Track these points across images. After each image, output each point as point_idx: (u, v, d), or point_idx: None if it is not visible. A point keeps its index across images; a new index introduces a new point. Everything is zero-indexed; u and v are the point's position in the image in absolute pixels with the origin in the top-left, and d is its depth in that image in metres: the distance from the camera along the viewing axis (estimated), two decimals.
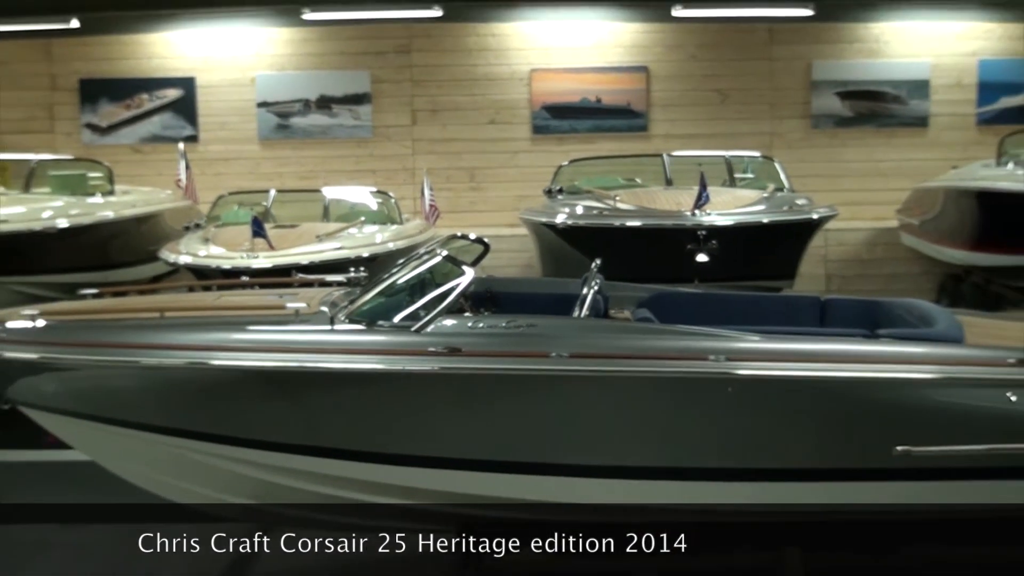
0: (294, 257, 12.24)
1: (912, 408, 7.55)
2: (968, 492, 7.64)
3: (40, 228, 13.60)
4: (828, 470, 7.68)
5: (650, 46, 18.70)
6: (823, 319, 8.81)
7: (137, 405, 7.83)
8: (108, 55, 18.58)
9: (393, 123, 18.72)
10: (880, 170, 18.48)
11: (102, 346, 7.80)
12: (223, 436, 7.74)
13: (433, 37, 18.44)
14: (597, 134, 18.43)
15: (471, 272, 7.81)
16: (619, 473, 7.68)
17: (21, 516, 9.50)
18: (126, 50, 18.60)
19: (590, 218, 13.93)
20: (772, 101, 18.79)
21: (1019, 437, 7.41)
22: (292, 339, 7.71)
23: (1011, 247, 14.07)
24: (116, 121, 18.69)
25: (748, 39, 18.53)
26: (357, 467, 7.69)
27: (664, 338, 7.76)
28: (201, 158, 17.89)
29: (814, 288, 15.52)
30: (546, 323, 7.76)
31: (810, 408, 7.60)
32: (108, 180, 15.40)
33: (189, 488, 8.13)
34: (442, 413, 7.62)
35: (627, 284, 8.91)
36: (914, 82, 18.86)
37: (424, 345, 7.53)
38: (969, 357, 7.70)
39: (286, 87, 18.71)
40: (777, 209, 13.91)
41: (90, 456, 8.37)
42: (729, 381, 7.51)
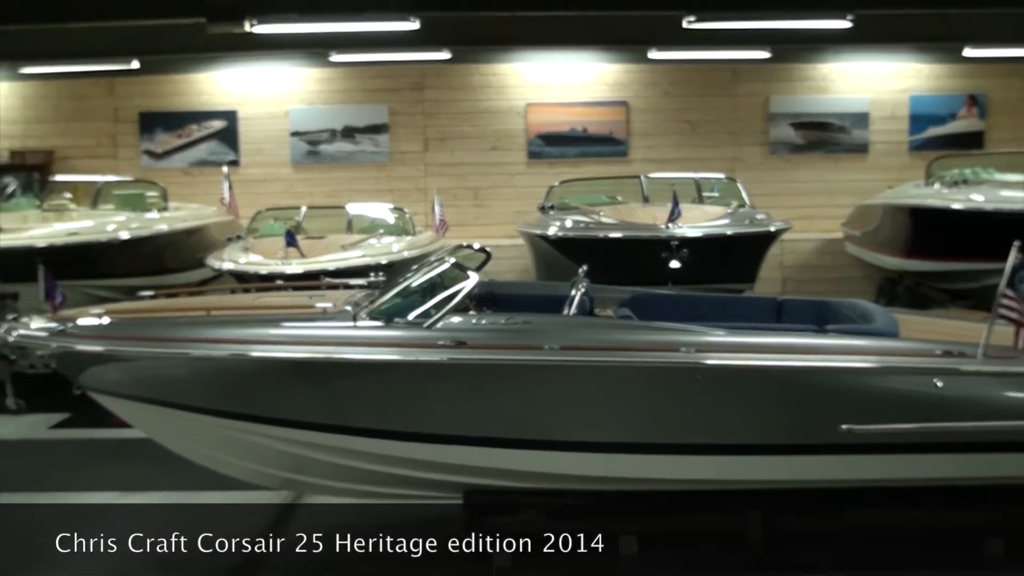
0: (322, 264, 12.22)
1: (855, 392, 7.55)
2: (903, 464, 7.66)
3: (105, 239, 13.61)
4: (783, 445, 7.68)
5: (629, 84, 18.69)
6: (779, 316, 8.81)
7: (187, 390, 7.82)
8: (163, 92, 18.56)
9: (407, 149, 18.69)
10: (827, 189, 18.46)
11: (157, 340, 7.81)
12: (260, 416, 7.74)
13: (442, 76, 18.41)
14: (584, 159, 18.39)
15: (475, 276, 7.83)
16: (603, 448, 7.66)
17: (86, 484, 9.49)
18: (178, 87, 18.58)
19: (578, 230, 13.92)
20: (735, 130, 18.77)
21: (945, 417, 7.44)
22: (320, 334, 7.72)
23: (938, 255, 14.07)
24: (169, 148, 18.67)
25: (714, 78, 18.51)
26: (376, 443, 7.68)
27: (642, 333, 7.76)
28: (242, 179, 17.84)
29: (771, 290, 15.50)
30: (540, 320, 7.75)
31: (768, 393, 7.60)
32: (163, 198, 15.40)
33: (231, 461, 8.13)
34: (450, 397, 7.63)
35: (610, 287, 8.90)
36: (856, 115, 18.84)
37: (434, 339, 7.53)
38: (903, 349, 7.71)
39: (315, 119, 18.68)
40: (739, 223, 13.90)
41: (147, 434, 8.38)
42: (698, 370, 7.51)
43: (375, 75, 18.46)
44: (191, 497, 9.02)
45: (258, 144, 18.73)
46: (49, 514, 8.91)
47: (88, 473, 9.78)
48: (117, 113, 18.74)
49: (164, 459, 8.42)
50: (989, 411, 7.50)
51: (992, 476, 7.79)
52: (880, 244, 15.75)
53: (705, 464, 7.75)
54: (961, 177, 14.28)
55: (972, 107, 18.90)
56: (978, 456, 7.63)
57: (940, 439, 7.52)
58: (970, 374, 7.52)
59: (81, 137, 18.66)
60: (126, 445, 9.43)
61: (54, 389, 8.46)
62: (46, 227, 13.67)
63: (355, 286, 9.41)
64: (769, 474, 7.78)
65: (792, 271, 17.52)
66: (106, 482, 9.49)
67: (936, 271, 14.44)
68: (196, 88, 18.71)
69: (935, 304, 13.74)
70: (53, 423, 11.29)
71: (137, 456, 9.22)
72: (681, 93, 18.69)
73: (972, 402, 7.51)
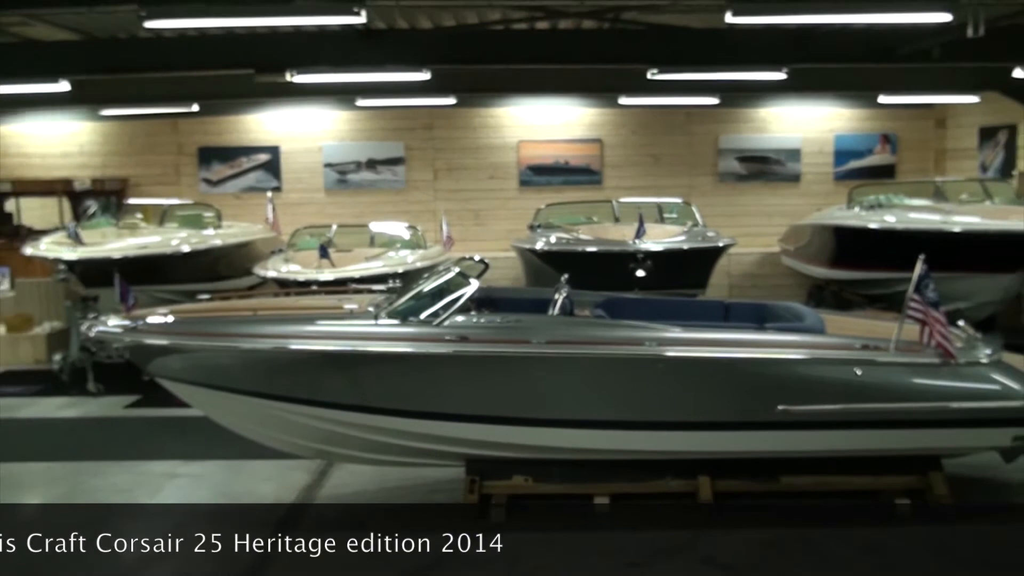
0: (349, 272, 12.19)
1: (789, 379, 7.58)
2: (828, 438, 7.69)
3: (170, 252, 13.60)
4: (730, 422, 7.71)
5: (603, 124, 18.69)
6: (726, 316, 8.81)
7: (237, 376, 7.84)
8: (218, 130, 18.53)
9: (420, 178, 18.67)
10: (766, 212, 18.46)
11: (213, 335, 7.81)
12: (297, 398, 7.75)
13: (449, 118, 18.40)
14: (566, 186, 18.37)
15: (476, 283, 7.85)
16: (582, 424, 7.69)
17: (154, 454, 9.50)
18: (231, 126, 18.56)
19: (560, 245, 13.92)
20: (690, 163, 18.76)
21: (862, 399, 7.51)
22: (347, 330, 7.73)
23: (857, 266, 14.08)
24: (223, 177, 18.63)
25: (673, 119, 18.51)
26: (394, 420, 7.70)
27: (613, 330, 7.78)
28: (283, 203, 17.82)
29: (720, 294, 15.51)
30: (529, 319, 7.76)
31: (717, 379, 7.64)
32: (217, 218, 15.38)
33: (272, 435, 8.14)
34: (455, 383, 7.65)
35: (587, 292, 8.88)
36: (790, 150, 18.84)
37: (442, 335, 7.55)
38: (829, 343, 7.74)
39: (344, 153, 18.65)
40: (694, 239, 13.90)
41: (204, 412, 8.36)
42: (659, 360, 7.53)
43: (394, 117, 18.45)
44: (238, 465, 9.03)
45: (297, 174, 18.70)
46: (124, 478, 8.93)
47: (155, 445, 9.78)
48: (180, 148, 18.72)
49: (217, 433, 8.42)
50: (899, 394, 7.54)
51: (902, 448, 7.83)
52: (810, 257, 15.77)
53: (665, 437, 7.77)
54: (876, 202, 14.31)
55: (885, 144, 18.93)
56: (890, 431, 7.66)
57: (859, 417, 7.56)
58: (884, 364, 7.56)
59: (150, 167, 18.64)
60: (186, 422, 9.43)
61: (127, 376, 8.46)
62: (121, 242, 13.65)
63: (376, 291, 9.41)
64: (718, 445, 7.81)
65: (737, 279, 17.52)
66: (169, 451, 9.50)
67: (856, 279, 14.45)
68: (245, 127, 18.69)
69: (855, 306, 13.74)
70: (126, 404, 11.28)
71: (195, 431, 9.22)
72: (646, 132, 18.70)
73: (885, 387, 7.55)
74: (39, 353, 13.70)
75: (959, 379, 7.62)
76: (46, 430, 10.73)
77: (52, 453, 9.86)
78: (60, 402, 11.57)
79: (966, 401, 7.59)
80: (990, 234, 11.92)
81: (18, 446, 10.14)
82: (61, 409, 11.40)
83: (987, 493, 8.29)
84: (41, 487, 8.95)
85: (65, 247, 12.89)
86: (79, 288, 12.83)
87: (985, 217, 12.39)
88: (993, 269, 11.95)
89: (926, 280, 7.43)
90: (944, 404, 7.57)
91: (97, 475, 9.01)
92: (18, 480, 9.07)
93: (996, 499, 8.24)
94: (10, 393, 12.14)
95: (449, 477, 8.21)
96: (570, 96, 18.21)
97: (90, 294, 12.43)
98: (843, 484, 7.99)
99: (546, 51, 12.50)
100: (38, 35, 11.57)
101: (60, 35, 11.70)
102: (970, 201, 13.87)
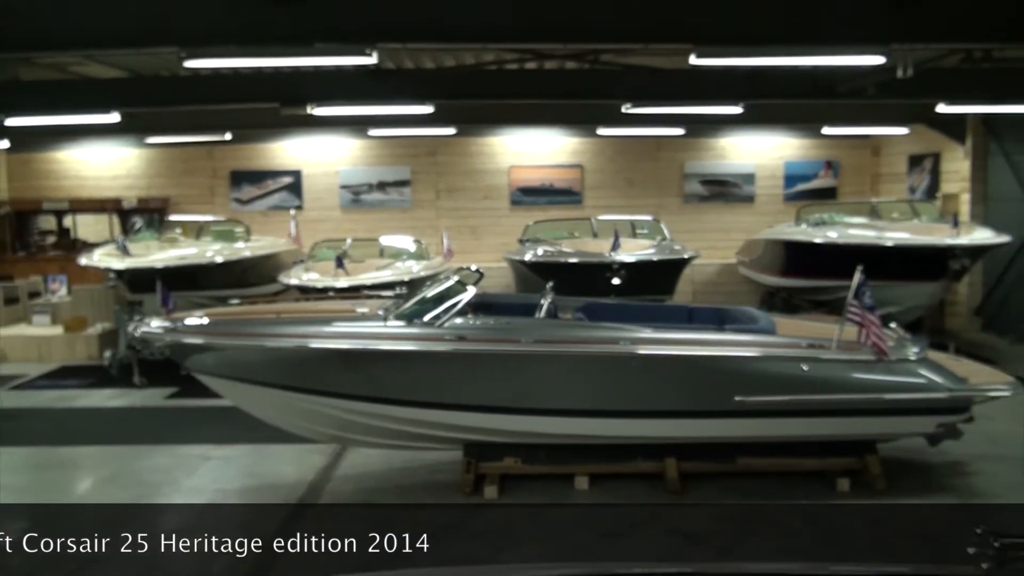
0: (361, 280, 12.19)
1: (745, 373, 7.61)
2: (779, 425, 7.72)
3: (205, 262, 13.57)
4: (693, 411, 7.74)
5: (584, 151, 18.70)
6: (690, 319, 8.81)
7: (263, 371, 7.82)
8: (248, 156, 18.49)
9: (424, 198, 18.66)
10: (725, 228, 18.47)
11: (242, 335, 7.81)
12: (315, 390, 7.73)
13: (450, 146, 18.38)
14: (551, 205, 18.33)
15: (472, 290, 7.84)
16: (564, 413, 7.71)
17: (190, 439, 9.48)
18: (259, 153, 18.52)
19: (546, 257, 13.92)
20: (659, 185, 18.78)
21: (808, 391, 7.53)
22: (360, 330, 7.73)
23: (804, 275, 14.15)
24: (252, 197, 18.59)
25: (644, 148, 18.52)
26: (400, 410, 7.69)
27: (592, 331, 7.79)
28: (304, 220, 17.77)
29: (685, 300, 15.49)
30: (518, 322, 7.78)
31: (682, 373, 7.65)
32: (247, 233, 15.37)
33: (294, 423, 8.11)
34: (454, 376, 7.64)
35: (569, 298, 8.88)
36: (746, 175, 18.88)
37: (442, 335, 7.55)
38: (779, 342, 7.78)
39: (358, 176, 18.62)
40: (662, 252, 13.92)
41: (234, 403, 8.33)
42: (632, 357, 7.55)
43: (402, 144, 18.44)
44: (263, 449, 9.01)
45: (316, 194, 18.67)
46: (164, 460, 8.92)
47: (191, 431, 9.75)
48: (215, 171, 18.68)
49: (246, 421, 8.40)
50: (840, 387, 7.58)
51: (842, 434, 7.86)
52: (763, 267, 15.81)
53: (636, 425, 7.79)
54: (820, 219, 14.37)
55: (828, 170, 18.96)
56: (832, 419, 7.70)
57: (805, 407, 7.59)
58: (827, 361, 7.60)
59: (188, 188, 18.60)
60: (219, 411, 9.40)
61: (168, 370, 8.43)
62: (163, 253, 13.63)
63: (385, 296, 9.40)
64: (683, 431, 7.83)
65: (700, 286, 17.53)
66: (204, 436, 9.47)
67: (802, 287, 14.51)
68: (272, 154, 18.66)
69: (802, 310, 13.78)
70: (167, 395, 11.25)
71: (226, 419, 9.19)
72: (621, 159, 18.71)
73: (828, 380, 7.59)
74: (92, 350, 13.67)
75: (891, 374, 7.66)
76: (97, 418, 10.72)
77: (103, 437, 9.87)
78: (109, 393, 11.54)
79: (897, 393, 7.63)
80: (917, 248, 11.98)
81: (74, 431, 10.15)
82: (110, 399, 11.38)
83: (915, 473, 8.31)
84: (92, 467, 8.93)
85: (114, 258, 12.88)
86: (126, 293, 12.80)
87: (913, 233, 12.45)
88: (920, 278, 12.00)
89: (863, 288, 7.46)
90: (878, 395, 7.61)
91: (141, 457, 8.99)
92: (74, 461, 9.09)
93: (922, 478, 8.27)
94: (67, 385, 12.15)
95: (449, 459, 8.20)
96: (555, 127, 18.21)
97: (136, 299, 12.39)
98: (792, 465, 8.01)
99: (534, 88, 12.51)
100: (93, 73, 11.58)
101: (112, 73, 11.70)
102: (900, 219, 13.93)
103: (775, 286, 15.49)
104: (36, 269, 16.66)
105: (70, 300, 14.88)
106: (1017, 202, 14.14)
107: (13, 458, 8.92)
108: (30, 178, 18.51)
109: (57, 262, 16.99)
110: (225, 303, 9.51)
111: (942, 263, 11.80)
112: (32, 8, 7.57)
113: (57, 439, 9.73)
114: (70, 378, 12.59)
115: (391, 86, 11.83)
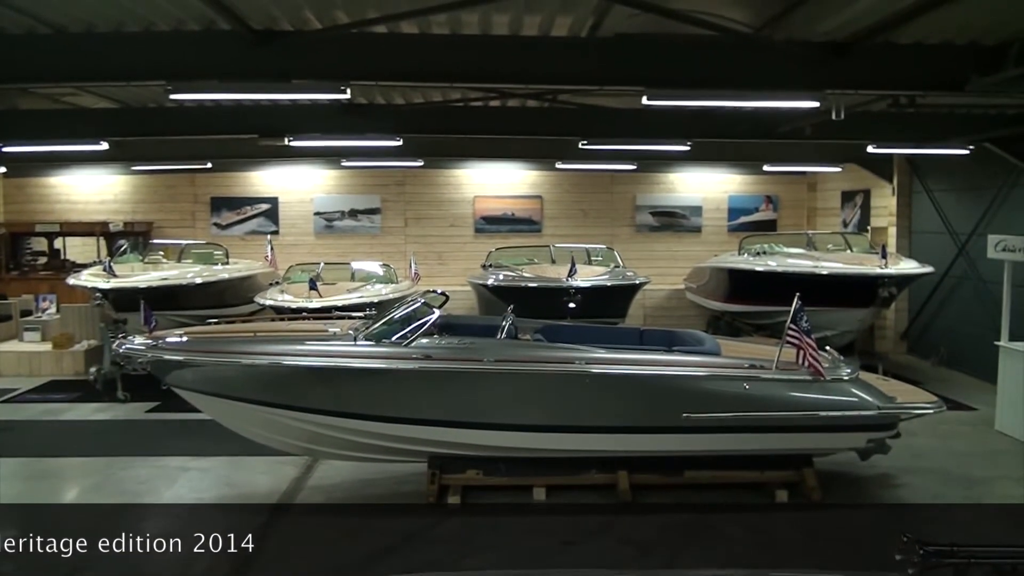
0: (333, 302, 12.06)
1: (692, 391, 7.63)
2: (723, 440, 7.74)
3: (186, 283, 13.42)
4: (644, 427, 7.74)
5: (543, 184, 18.76)
6: (641, 340, 8.82)
7: (239, 387, 7.73)
8: (228, 183, 18.34)
9: (393, 225, 18.60)
10: (674, 256, 18.61)
11: (220, 353, 7.71)
12: (289, 405, 7.66)
13: (418, 177, 18.35)
14: (512, 233, 18.35)
15: (438, 312, 7.85)
16: (523, 428, 7.68)
17: (170, 450, 9.33)
18: (238, 181, 18.36)
19: (507, 281, 13.90)
20: (613, 216, 18.88)
21: (750, 408, 7.57)
22: (331, 349, 7.69)
23: (746, 301, 14.25)
24: (231, 222, 18.43)
25: (599, 181, 18.62)
26: (368, 424, 7.63)
27: (550, 351, 7.80)
28: (280, 244, 17.65)
29: (636, 323, 15.54)
30: (481, 342, 7.75)
31: (634, 391, 7.66)
32: (225, 256, 15.21)
33: (267, 436, 8.02)
34: (420, 393, 7.60)
35: (528, 320, 8.87)
36: (693, 207, 19.03)
37: (409, 354, 7.51)
38: (723, 363, 7.81)
39: (331, 204, 18.52)
40: (615, 277, 13.95)
41: (212, 417, 8.21)
42: (587, 376, 7.56)
43: (372, 175, 18.39)
44: (239, 461, 8.90)
45: (292, 220, 18.55)
46: (145, 470, 8.77)
47: (171, 443, 9.60)
48: (196, 197, 18.50)
49: (222, 434, 8.29)
50: (779, 405, 7.63)
51: (781, 448, 7.91)
52: (708, 293, 15.91)
53: (590, 439, 7.78)
54: (761, 249, 14.50)
55: (769, 204, 19.18)
56: (772, 435, 7.74)
57: (747, 423, 7.63)
58: (767, 380, 7.65)
59: (171, 213, 18.41)
60: (197, 424, 9.27)
61: (149, 385, 8.30)
62: (146, 274, 13.44)
63: (356, 317, 9.33)
64: (634, 445, 7.84)
65: (650, 310, 17.60)
66: (183, 448, 9.34)
67: (745, 312, 14.60)
68: (250, 182, 18.52)
69: (744, 334, 13.88)
70: (148, 409, 11.09)
71: (204, 432, 9.07)
72: (577, 191, 18.80)
73: (768, 398, 7.63)
74: (78, 366, 13.46)
75: (826, 393, 7.73)
76: (83, 430, 10.53)
77: (87, 449, 9.69)
78: (94, 407, 11.36)
79: (831, 411, 7.70)
80: (850, 277, 12.12)
81: (60, 443, 9.96)
82: (95, 413, 11.19)
83: (847, 485, 8.39)
84: (78, 477, 8.76)
85: (101, 278, 12.69)
86: (111, 312, 12.60)
87: (846, 263, 12.60)
88: (852, 304, 12.13)
89: (800, 313, 7.54)
90: (814, 413, 7.68)
91: (124, 468, 8.84)
92: (59, 472, 8.91)
93: (854, 489, 8.34)
94: (55, 399, 11.95)
95: (414, 471, 8.13)
96: (516, 161, 18.29)
97: (120, 317, 12.20)
98: (735, 478, 8.05)
99: (497, 124, 12.55)
100: (84, 103, 11.46)
101: (101, 103, 11.59)
102: (834, 250, 14.08)
103: (720, 311, 15.59)
104: (28, 288, 16.36)
105: (59, 318, 14.65)
106: (939, 235, 14.41)
107: (3, 468, 8.77)
108: (24, 202, 18.26)
109: (48, 282, 16.70)
110: (204, 322, 9.36)
111: (872, 291, 11.95)
112: (31, 43, 7.55)
113: (45, 450, 9.55)
114: (58, 392, 12.38)
115: (363, 120, 11.83)
